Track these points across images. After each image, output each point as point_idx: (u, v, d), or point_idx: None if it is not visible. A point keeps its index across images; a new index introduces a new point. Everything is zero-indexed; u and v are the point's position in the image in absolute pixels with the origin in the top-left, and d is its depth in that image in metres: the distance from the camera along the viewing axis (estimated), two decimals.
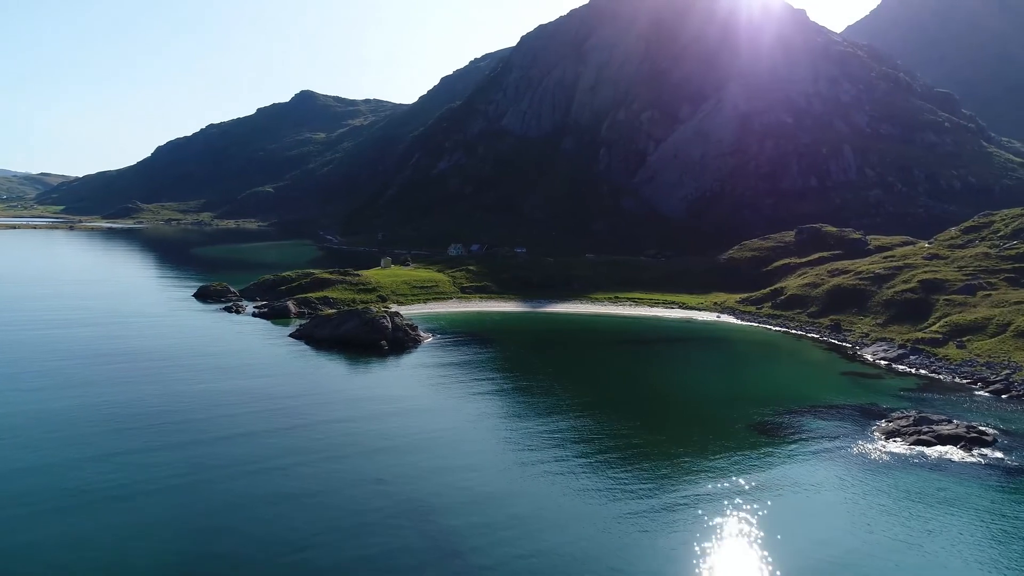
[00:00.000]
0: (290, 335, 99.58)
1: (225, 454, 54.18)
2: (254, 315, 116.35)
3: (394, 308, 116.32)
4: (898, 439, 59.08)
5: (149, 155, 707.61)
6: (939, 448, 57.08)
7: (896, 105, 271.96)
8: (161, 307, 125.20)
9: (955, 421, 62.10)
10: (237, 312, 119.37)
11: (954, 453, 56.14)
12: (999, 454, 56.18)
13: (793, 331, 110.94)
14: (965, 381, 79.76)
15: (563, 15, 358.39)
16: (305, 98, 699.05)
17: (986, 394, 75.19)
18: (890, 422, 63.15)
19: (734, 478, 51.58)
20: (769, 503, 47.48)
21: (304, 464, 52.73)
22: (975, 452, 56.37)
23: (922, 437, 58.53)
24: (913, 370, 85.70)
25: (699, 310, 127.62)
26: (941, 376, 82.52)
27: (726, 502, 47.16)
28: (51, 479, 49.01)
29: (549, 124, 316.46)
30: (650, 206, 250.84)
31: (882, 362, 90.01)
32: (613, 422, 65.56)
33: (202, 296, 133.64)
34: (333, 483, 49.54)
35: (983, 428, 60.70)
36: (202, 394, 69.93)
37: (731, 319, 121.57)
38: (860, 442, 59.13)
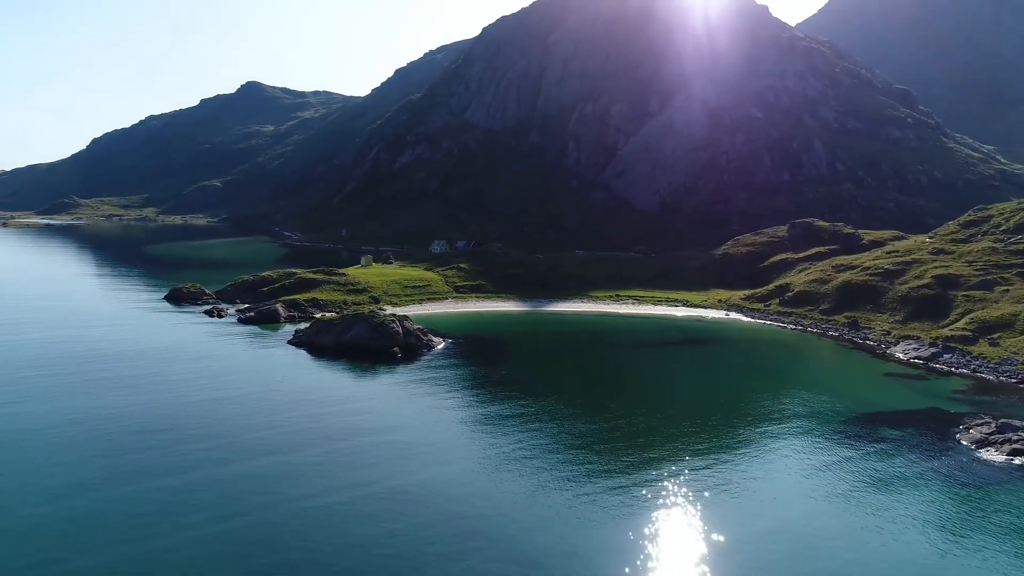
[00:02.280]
0: (289, 342, 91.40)
1: (262, 474, 47.37)
2: (239, 320, 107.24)
3: (389, 310, 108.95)
4: (990, 448, 55.67)
5: (84, 148, 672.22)
6: None
7: (860, 100, 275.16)
8: (132, 311, 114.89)
9: None
10: (219, 316, 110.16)
11: None
12: None
13: (810, 330, 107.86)
14: (1013, 381, 77.45)
15: (526, 7, 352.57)
16: (252, 89, 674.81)
17: None
18: (970, 429, 59.78)
19: (845, 489, 47.12)
20: (886, 524, 43.02)
21: (365, 484, 46.77)
22: None
23: (1015, 446, 55.19)
24: (953, 370, 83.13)
25: (705, 308, 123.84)
26: (986, 376, 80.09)
27: (850, 518, 42.72)
28: (57, 511, 41.84)
29: (514, 118, 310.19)
30: (621, 200, 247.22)
31: (917, 361, 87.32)
32: (673, 432, 60.33)
33: (175, 299, 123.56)
34: (407, 511, 43.70)
35: None
36: (204, 406, 62.58)
37: (740, 317, 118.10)
38: (951, 452, 55.54)
